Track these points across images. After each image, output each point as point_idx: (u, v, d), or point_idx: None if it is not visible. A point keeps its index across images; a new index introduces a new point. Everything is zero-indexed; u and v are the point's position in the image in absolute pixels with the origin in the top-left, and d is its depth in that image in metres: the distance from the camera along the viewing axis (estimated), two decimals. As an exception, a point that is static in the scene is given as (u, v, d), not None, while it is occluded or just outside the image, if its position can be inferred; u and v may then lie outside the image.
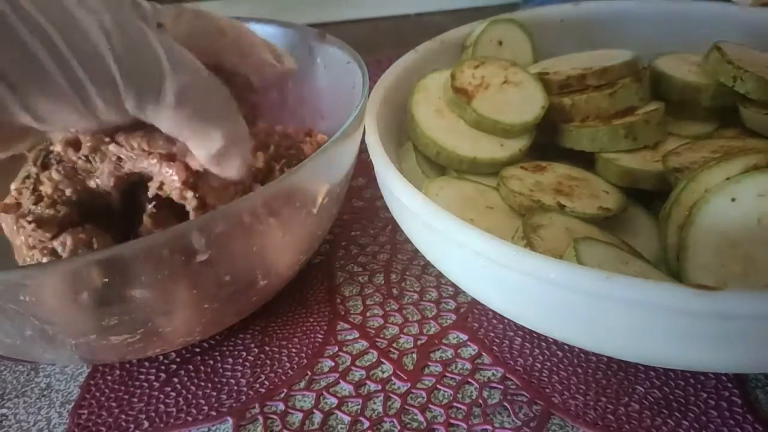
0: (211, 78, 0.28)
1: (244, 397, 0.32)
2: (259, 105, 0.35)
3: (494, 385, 0.31)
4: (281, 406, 0.31)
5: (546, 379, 0.31)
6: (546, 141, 0.39)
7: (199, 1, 0.82)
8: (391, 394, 0.31)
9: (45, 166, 0.31)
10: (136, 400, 0.32)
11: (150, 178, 0.30)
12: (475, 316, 0.35)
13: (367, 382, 0.32)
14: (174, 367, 0.34)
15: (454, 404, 0.30)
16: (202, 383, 0.33)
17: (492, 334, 0.34)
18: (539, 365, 0.32)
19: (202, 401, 0.32)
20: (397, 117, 0.41)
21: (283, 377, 0.32)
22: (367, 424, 0.30)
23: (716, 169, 0.31)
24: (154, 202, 0.30)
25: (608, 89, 0.38)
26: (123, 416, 0.31)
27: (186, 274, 0.27)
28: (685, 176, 0.32)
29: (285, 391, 0.32)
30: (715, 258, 0.28)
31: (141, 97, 0.25)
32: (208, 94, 0.27)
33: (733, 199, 0.29)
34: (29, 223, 0.29)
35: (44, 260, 0.29)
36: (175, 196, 0.29)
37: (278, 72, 0.34)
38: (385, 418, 0.30)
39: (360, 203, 0.45)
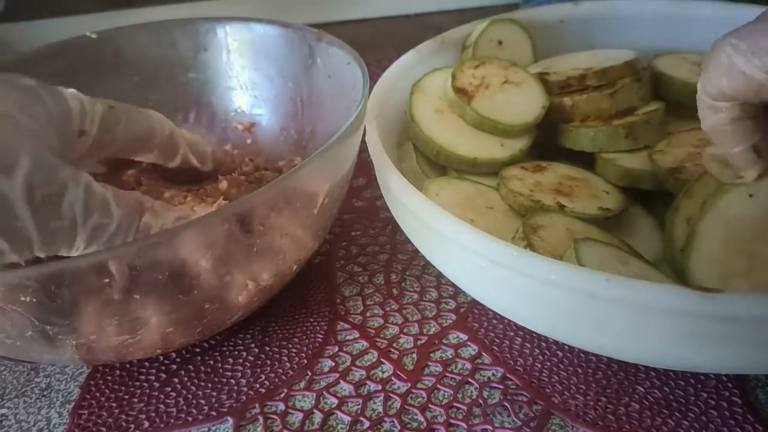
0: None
1: (244, 397, 0.32)
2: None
3: (494, 385, 0.31)
4: (281, 406, 0.31)
5: (546, 379, 0.31)
6: (546, 141, 0.39)
7: (199, 1, 0.82)
8: (391, 394, 0.31)
9: None
10: (136, 400, 0.32)
11: None
12: (475, 316, 0.35)
13: (367, 382, 0.32)
14: (174, 367, 0.34)
15: (454, 404, 0.30)
16: (202, 383, 0.33)
17: (492, 334, 0.34)
18: (539, 365, 0.32)
19: (202, 401, 0.32)
20: (397, 117, 0.41)
21: (283, 377, 0.32)
22: (367, 424, 0.30)
23: None
24: None
25: (608, 89, 0.38)
26: (123, 416, 0.31)
27: (186, 274, 0.27)
28: (688, 173, 0.32)
29: (285, 391, 0.32)
30: (722, 251, 0.28)
31: (53, 250, 0.25)
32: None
33: (750, 195, 0.29)
34: None
35: None
36: None
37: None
38: (386, 418, 0.30)
39: (360, 203, 0.45)
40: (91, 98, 0.31)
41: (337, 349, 0.34)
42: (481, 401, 0.30)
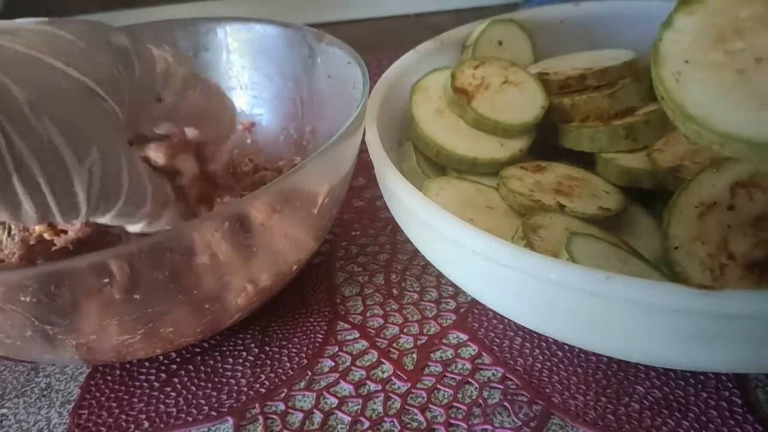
0: (152, 179, 0.28)
1: (244, 397, 0.32)
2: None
3: (494, 385, 0.31)
4: (281, 406, 0.31)
5: (546, 379, 0.31)
6: (546, 141, 0.39)
7: (199, 2, 0.82)
8: (391, 394, 0.31)
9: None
10: (136, 400, 0.32)
11: None
12: (475, 316, 0.35)
13: (367, 382, 0.32)
14: (174, 367, 0.34)
15: (454, 404, 0.30)
16: (202, 383, 0.33)
17: (492, 334, 0.34)
18: (539, 365, 0.32)
19: (202, 401, 0.32)
20: (397, 117, 0.41)
21: (283, 377, 0.32)
22: (367, 424, 0.30)
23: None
24: None
25: (608, 89, 0.38)
26: (123, 416, 0.31)
27: (186, 274, 0.27)
28: (687, 171, 0.32)
29: (285, 391, 0.32)
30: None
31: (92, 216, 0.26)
32: (145, 197, 0.28)
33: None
34: None
35: None
36: None
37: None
38: (386, 418, 0.30)
39: (360, 203, 0.45)
40: (177, 59, 0.30)
41: (337, 349, 0.34)
42: (481, 401, 0.30)
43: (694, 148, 0.34)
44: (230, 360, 0.34)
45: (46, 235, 0.32)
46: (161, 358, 0.34)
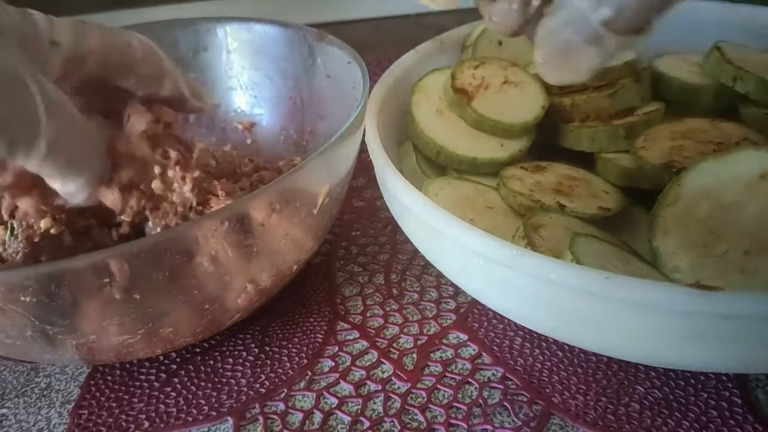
0: (83, 122, 0.27)
1: (244, 397, 0.32)
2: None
3: (494, 385, 0.31)
4: (281, 406, 0.31)
5: (546, 379, 0.31)
6: (546, 141, 0.39)
7: (199, 2, 0.82)
8: (391, 394, 0.31)
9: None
10: (136, 400, 0.32)
11: None
12: (475, 316, 0.35)
13: (367, 382, 0.32)
14: (174, 367, 0.34)
15: (454, 404, 0.30)
16: (202, 383, 0.33)
17: (492, 334, 0.34)
18: (539, 365, 0.32)
19: (202, 401, 0.32)
20: (397, 117, 0.41)
21: (283, 377, 0.32)
22: (367, 424, 0.30)
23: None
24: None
25: (608, 89, 0.38)
26: (123, 416, 0.31)
27: (186, 274, 0.27)
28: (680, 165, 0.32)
29: (285, 391, 0.32)
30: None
31: (12, 146, 0.24)
32: (79, 141, 0.27)
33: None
34: None
35: None
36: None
37: (191, 106, 0.33)
38: (386, 418, 0.30)
39: (360, 203, 0.45)
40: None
41: (337, 349, 0.34)
42: (481, 401, 0.30)
43: (675, 143, 0.34)
44: (230, 360, 0.34)
45: (53, 231, 0.31)
46: (161, 358, 0.34)
